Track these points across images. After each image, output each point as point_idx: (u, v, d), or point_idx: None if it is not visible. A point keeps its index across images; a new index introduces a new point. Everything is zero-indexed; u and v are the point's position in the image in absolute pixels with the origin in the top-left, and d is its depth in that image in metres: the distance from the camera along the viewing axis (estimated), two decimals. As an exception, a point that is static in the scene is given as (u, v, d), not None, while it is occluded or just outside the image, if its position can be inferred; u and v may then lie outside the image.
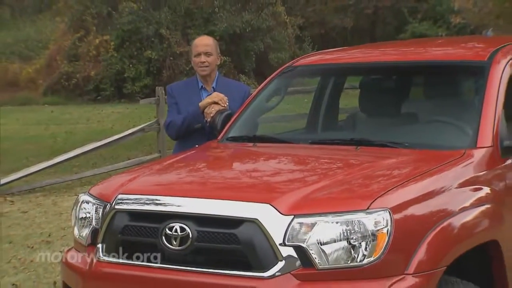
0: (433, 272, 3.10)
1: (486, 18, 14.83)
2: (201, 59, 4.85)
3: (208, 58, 4.86)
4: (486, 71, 3.98)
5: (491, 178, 3.61)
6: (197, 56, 4.88)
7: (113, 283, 3.39)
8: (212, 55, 4.88)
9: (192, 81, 5.08)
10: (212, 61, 4.88)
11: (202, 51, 4.87)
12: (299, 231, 3.03)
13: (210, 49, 4.90)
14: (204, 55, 4.85)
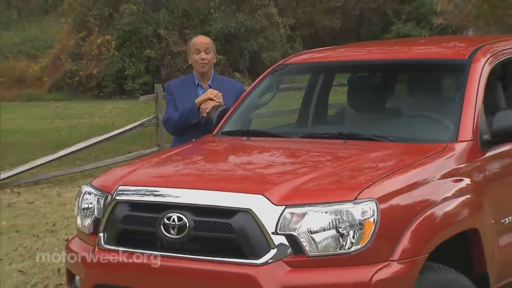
0: (417, 259, 3.11)
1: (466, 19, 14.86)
2: (201, 55, 4.85)
3: (207, 56, 4.86)
4: (467, 68, 3.98)
5: (471, 170, 3.61)
6: (197, 54, 4.87)
7: (114, 270, 3.38)
8: (210, 53, 4.89)
9: (189, 79, 5.07)
10: (210, 58, 4.89)
11: (202, 48, 4.87)
12: (291, 220, 3.03)
13: (209, 46, 4.92)
14: (204, 52, 4.86)
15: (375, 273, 2.98)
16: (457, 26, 15.71)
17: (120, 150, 11.58)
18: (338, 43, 20.68)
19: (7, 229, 7.27)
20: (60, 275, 5.46)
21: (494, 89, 4.20)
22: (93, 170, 9.79)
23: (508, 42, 4.51)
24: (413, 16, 24.65)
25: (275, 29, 23.82)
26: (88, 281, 3.44)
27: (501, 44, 4.39)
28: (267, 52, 23.04)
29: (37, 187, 9.61)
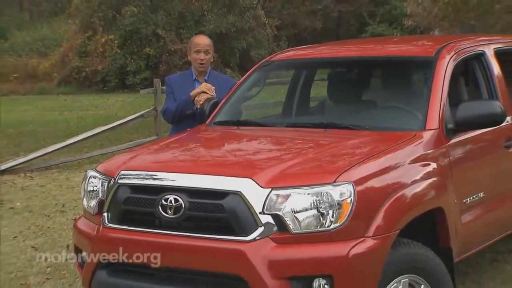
0: (389, 235, 3.12)
1: (433, 20, 14.88)
2: (200, 56, 4.82)
3: (206, 56, 4.83)
4: (433, 65, 3.98)
5: (437, 155, 3.62)
6: (197, 54, 4.83)
7: (117, 246, 3.35)
8: (209, 54, 4.86)
9: (187, 74, 5.03)
10: (209, 59, 4.87)
11: (202, 50, 4.83)
12: (276, 201, 3.03)
13: (209, 48, 4.88)
14: (203, 53, 4.82)
15: (351, 248, 2.99)
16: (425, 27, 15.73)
17: (123, 138, 11.55)
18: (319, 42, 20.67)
19: (21, 210, 7.26)
20: (69, 251, 5.44)
21: (457, 83, 4.21)
22: (98, 157, 9.76)
23: (469, 41, 4.52)
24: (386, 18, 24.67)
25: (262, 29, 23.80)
26: (94, 256, 3.42)
27: (464, 43, 4.40)
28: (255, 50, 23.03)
29: (48, 172, 9.57)
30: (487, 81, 4.32)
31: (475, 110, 3.77)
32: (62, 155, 10.30)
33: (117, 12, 22.81)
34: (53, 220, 6.74)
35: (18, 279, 5.01)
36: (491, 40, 4.75)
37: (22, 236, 6.20)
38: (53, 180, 8.98)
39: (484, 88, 4.30)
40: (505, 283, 4.55)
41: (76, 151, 10.55)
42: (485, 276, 4.69)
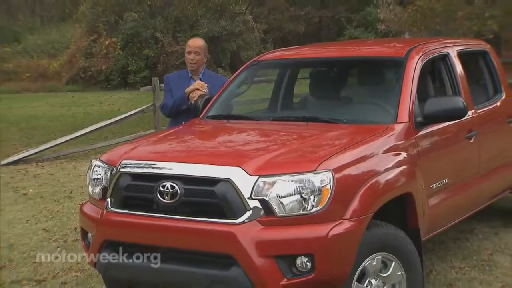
0: (364, 217, 3.13)
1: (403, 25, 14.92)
2: (191, 56, 4.83)
3: (196, 57, 4.82)
4: (404, 64, 3.98)
5: (407, 146, 3.62)
6: (189, 54, 4.85)
7: (119, 228, 3.35)
8: (200, 54, 4.84)
9: (184, 73, 5.02)
10: (199, 59, 4.84)
11: (192, 50, 4.84)
12: (263, 187, 3.02)
13: (199, 50, 4.86)
14: (194, 53, 4.83)
15: (331, 229, 2.99)
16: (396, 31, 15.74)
17: (125, 131, 11.49)
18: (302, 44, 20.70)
19: (33, 196, 7.24)
20: (76, 232, 5.44)
21: (425, 81, 4.22)
22: (102, 148, 9.70)
23: (435, 43, 4.53)
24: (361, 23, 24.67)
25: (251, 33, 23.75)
26: (98, 237, 3.42)
27: (431, 45, 4.40)
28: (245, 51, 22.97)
29: (57, 162, 9.55)
30: (451, 79, 4.33)
31: (440, 105, 3.79)
32: (70, 146, 10.28)
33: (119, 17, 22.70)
34: (62, 205, 6.73)
35: (31, 257, 5.01)
36: (454, 43, 4.76)
37: (34, 219, 6.20)
38: (62, 169, 8.96)
39: (448, 85, 4.32)
40: (466, 259, 4.60)
41: (82, 143, 10.52)
42: (449, 253, 4.73)
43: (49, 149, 9.88)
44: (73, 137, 10.14)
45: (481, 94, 4.77)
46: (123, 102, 17.83)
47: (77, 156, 9.85)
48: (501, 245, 4.88)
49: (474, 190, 4.39)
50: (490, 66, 4.98)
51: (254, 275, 2.94)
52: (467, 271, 4.37)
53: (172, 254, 3.17)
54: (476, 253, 4.71)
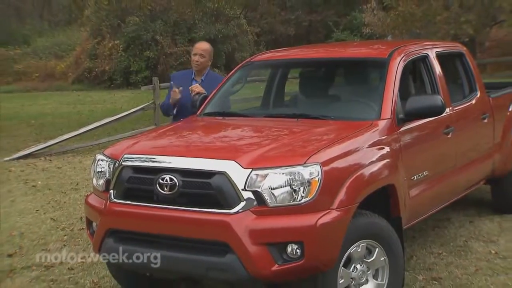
0: (350, 207, 3.12)
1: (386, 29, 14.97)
2: (196, 58, 4.87)
3: (201, 59, 4.86)
4: (387, 65, 3.97)
5: (390, 140, 3.61)
6: (194, 55, 4.88)
7: (121, 218, 3.33)
8: (205, 57, 4.88)
9: (189, 72, 5.06)
10: (203, 61, 4.88)
11: (198, 53, 4.87)
12: (256, 180, 3.00)
13: (204, 52, 4.90)
14: (199, 56, 4.86)
15: (319, 218, 2.98)
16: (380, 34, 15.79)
17: (126, 128, 11.45)
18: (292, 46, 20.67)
19: (42, 187, 7.21)
20: (82, 222, 5.42)
21: (406, 80, 4.22)
22: (106, 143, 9.66)
23: (416, 45, 4.52)
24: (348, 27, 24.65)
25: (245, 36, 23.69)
26: (102, 226, 3.40)
27: (411, 47, 4.39)
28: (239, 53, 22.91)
29: (64, 156, 9.50)
30: (430, 78, 4.33)
31: (420, 102, 3.79)
32: (75, 142, 10.23)
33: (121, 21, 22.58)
34: (69, 196, 6.71)
35: (40, 245, 5.01)
36: (433, 45, 4.76)
37: (43, 209, 6.19)
38: (68, 163, 8.92)
39: (428, 84, 4.32)
40: (443, 245, 4.61)
41: (87, 139, 10.47)
42: (428, 240, 4.75)
43: (56, 144, 9.84)
44: (78, 133, 10.10)
45: (457, 93, 4.78)
46: (125, 101, 17.77)
47: (83, 151, 9.81)
48: (476, 232, 4.90)
49: (451, 182, 4.40)
50: (466, 67, 4.98)
51: (247, 261, 2.93)
52: (445, 256, 4.38)
53: (170, 241, 3.16)
54: (452, 240, 4.73)
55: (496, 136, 5.04)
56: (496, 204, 5.38)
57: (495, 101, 5.06)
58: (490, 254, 4.39)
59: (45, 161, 9.09)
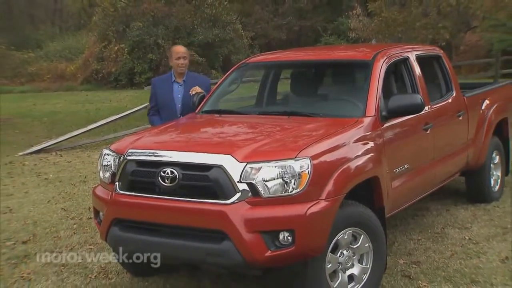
0: (337, 197, 3.11)
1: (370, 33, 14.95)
2: (181, 61, 4.74)
3: (185, 61, 4.76)
4: (371, 66, 3.96)
5: (374, 136, 3.60)
6: (178, 59, 4.74)
7: (126, 208, 3.31)
8: (187, 59, 4.78)
9: (168, 76, 4.87)
10: (187, 63, 4.79)
11: (181, 56, 4.75)
12: (250, 172, 2.98)
13: (186, 54, 4.80)
14: (182, 58, 4.74)
15: (309, 208, 2.97)
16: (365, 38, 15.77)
17: (131, 125, 11.38)
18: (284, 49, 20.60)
19: (53, 180, 7.19)
20: (90, 211, 5.40)
21: (389, 80, 4.20)
22: (112, 139, 9.61)
23: (398, 48, 4.50)
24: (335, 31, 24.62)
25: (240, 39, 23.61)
26: (108, 215, 3.37)
27: (393, 50, 4.38)
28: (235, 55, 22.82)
29: (73, 151, 9.47)
30: (411, 79, 4.32)
31: (402, 101, 3.77)
32: (84, 138, 10.18)
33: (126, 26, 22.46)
34: (78, 188, 6.68)
35: (52, 233, 4.99)
36: (413, 48, 4.74)
37: (54, 200, 6.17)
38: (77, 157, 8.88)
39: (408, 84, 4.30)
40: (422, 232, 4.62)
41: (95, 135, 10.42)
42: (409, 227, 4.75)
43: (66, 140, 9.80)
44: (86, 129, 10.04)
45: (435, 92, 4.77)
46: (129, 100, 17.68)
47: (90, 146, 9.77)
48: (452, 220, 4.91)
49: (429, 174, 4.40)
50: (443, 68, 4.98)
51: (243, 248, 2.92)
52: (423, 242, 4.39)
53: (171, 230, 3.13)
54: (430, 227, 4.73)
55: (470, 132, 5.05)
56: (470, 194, 5.40)
57: (469, 100, 5.07)
58: (464, 240, 4.40)
59: (56, 156, 9.05)
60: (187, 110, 4.57)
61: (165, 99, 4.70)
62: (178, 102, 4.67)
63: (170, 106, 4.63)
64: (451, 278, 3.71)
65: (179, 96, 4.70)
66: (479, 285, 3.60)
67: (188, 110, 4.57)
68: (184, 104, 4.66)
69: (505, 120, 5.60)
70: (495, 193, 5.42)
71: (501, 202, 5.32)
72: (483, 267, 3.86)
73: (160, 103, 4.74)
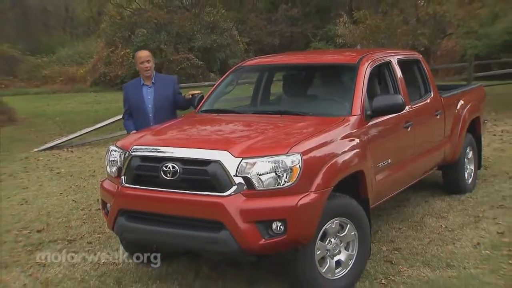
0: (326, 190, 3.09)
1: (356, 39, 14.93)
2: (145, 65, 4.51)
3: (148, 64, 4.52)
4: (356, 69, 3.94)
5: (359, 133, 3.58)
6: (142, 63, 4.51)
7: (131, 199, 3.28)
8: (151, 62, 4.55)
9: (137, 81, 4.68)
10: (151, 66, 4.55)
11: (145, 60, 4.52)
12: (246, 167, 2.96)
13: (150, 57, 4.57)
14: (146, 62, 4.51)
15: (299, 200, 2.95)
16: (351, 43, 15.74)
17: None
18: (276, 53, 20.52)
19: (65, 174, 7.14)
20: (98, 203, 5.36)
21: (373, 82, 4.18)
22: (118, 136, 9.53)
23: (381, 53, 4.49)
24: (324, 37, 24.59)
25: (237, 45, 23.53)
26: (115, 207, 3.34)
27: (377, 54, 4.36)
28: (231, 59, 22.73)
29: (83, 148, 9.40)
30: (393, 81, 4.31)
31: (385, 101, 3.76)
32: (93, 135, 10.12)
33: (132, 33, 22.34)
34: (87, 182, 6.64)
35: (64, 222, 4.97)
36: (395, 53, 4.72)
37: (66, 192, 6.13)
38: (87, 153, 8.83)
39: (391, 86, 4.29)
40: (403, 221, 4.62)
41: (103, 133, 10.36)
42: (391, 217, 4.75)
43: (76, 138, 9.75)
44: (95, 128, 9.98)
45: (415, 93, 4.76)
46: (135, 100, 17.65)
47: (99, 143, 9.71)
48: (430, 210, 4.91)
49: (410, 168, 4.39)
50: (422, 71, 4.97)
51: (239, 236, 2.90)
52: (404, 230, 4.38)
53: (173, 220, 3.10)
54: (411, 217, 4.73)
55: (447, 129, 5.05)
56: (446, 187, 5.40)
57: (446, 101, 5.07)
58: (441, 228, 4.40)
59: (67, 152, 9.00)
60: (159, 111, 4.45)
61: (136, 102, 4.54)
62: (149, 103, 4.50)
63: (141, 108, 4.50)
64: (429, 262, 3.71)
65: (149, 97, 4.53)
66: (454, 269, 3.60)
67: (160, 111, 4.43)
68: (156, 105, 4.49)
69: (478, 119, 5.61)
70: (468, 185, 5.43)
71: (474, 193, 5.33)
72: (457, 252, 3.86)
73: (132, 106, 4.58)
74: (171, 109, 4.53)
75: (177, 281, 3.60)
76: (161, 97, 4.50)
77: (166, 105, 4.50)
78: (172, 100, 4.55)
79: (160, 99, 4.51)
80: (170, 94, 4.54)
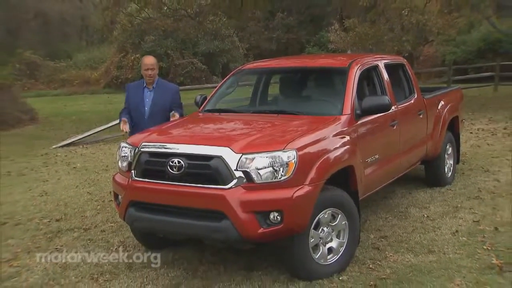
0: (319, 183, 3.07)
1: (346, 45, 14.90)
2: (148, 72, 4.42)
3: (152, 72, 4.43)
4: (347, 72, 3.91)
5: (350, 131, 3.56)
6: (146, 71, 4.43)
7: (141, 192, 3.25)
8: (154, 69, 4.45)
9: (140, 82, 4.57)
10: (154, 73, 4.45)
11: (149, 68, 4.43)
12: (245, 162, 2.94)
13: (154, 65, 4.46)
14: (150, 70, 4.43)
15: (295, 192, 2.94)
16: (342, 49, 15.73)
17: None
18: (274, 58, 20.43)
19: (80, 169, 7.12)
20: (111, 195, 5.34)
21: (362, 84, 4.16)
22: (129, 134, 9.57)
23: (369, 57, 4.45)
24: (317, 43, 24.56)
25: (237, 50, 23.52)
26: (126, 198, 3.32)
27: (366, 58, 4.33)
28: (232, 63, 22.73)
29: (97, 144, 9.39)
30: (380, 83, 4.28)
31: (373, 102, 3.74)
32: (106, 133, 10.09)
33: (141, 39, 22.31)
34: (101, 175, 6.62)
35: (80, 212, 4.97)
36: (382, 57, 4.69)
37: (81, 185, 6.12)
38: (100, 149, 8.82)
39: (378, 87, 4.27)
40: (389, 211, 4.60)
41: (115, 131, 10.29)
42: (379, 208, 4.73)
43: (91, 135, 9.72)
44: (107, 126, 9.93)
45: (400, 94, 4.74)
46: (145, 101, 17.61)
47: (111, 140, 9.68)
48: (413, 201, 4.90)
49: (396, 163, 4.37)
50: (406, 75, 4.94)
51: (239, 225, 2.88)
52: (390, 220, 4.37)
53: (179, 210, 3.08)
54: (396, 207, 4.71)
55: (429, 128, 5.03)
56: (428, 180, 5.39)
57: (428, 101, 5.05)
58: (423, 217, 4.38)
59: (82, 148, 8.99)
60: (154, 115, 4.35)
61: (135, 103, 4.46)
62: (146, 106, 4.42)
63: (139, 109, 4.42)
64: (412, 249, 3.70)
65: (147, 100, 4.45)
66: (435, 254, 3.59)
67: (155, 115, 4.33)
68: (152, 108, 4.40)
69: (456, 118, 5.62)
70: (448, 178, 5.42)
71: (453, 186, 5.32)
72: (437, 239, 3.85)
73: (131, 105, 4.50)
74: (165, 116, 4.35)
75: (183, 266, 3.59)
76: (157, 103, 4.39)
77: (161, 111, 4.36)
78: (168, 107, 4.39)
79: (157, 104, 4.40)
80: (167, 101, 4.40)
